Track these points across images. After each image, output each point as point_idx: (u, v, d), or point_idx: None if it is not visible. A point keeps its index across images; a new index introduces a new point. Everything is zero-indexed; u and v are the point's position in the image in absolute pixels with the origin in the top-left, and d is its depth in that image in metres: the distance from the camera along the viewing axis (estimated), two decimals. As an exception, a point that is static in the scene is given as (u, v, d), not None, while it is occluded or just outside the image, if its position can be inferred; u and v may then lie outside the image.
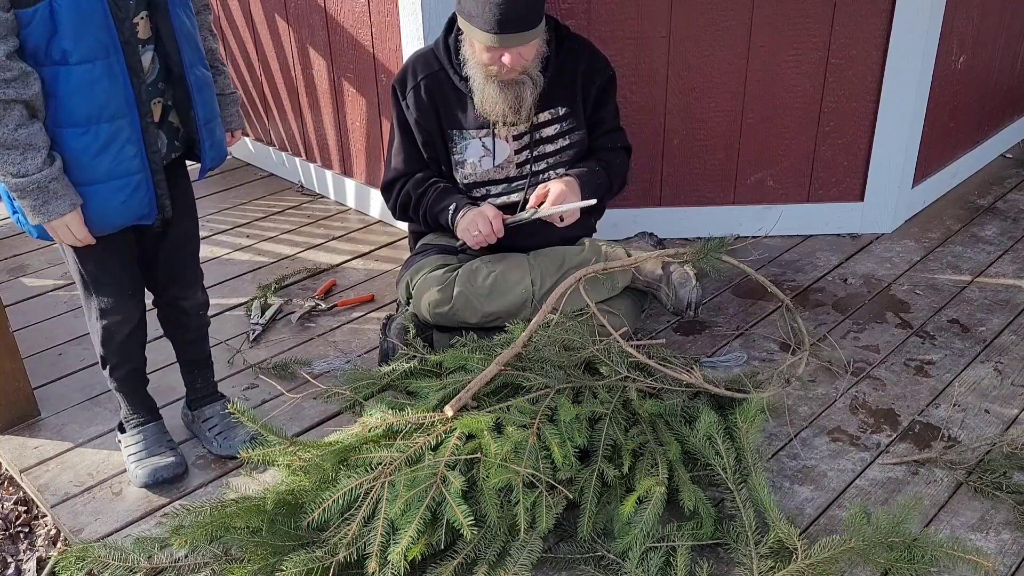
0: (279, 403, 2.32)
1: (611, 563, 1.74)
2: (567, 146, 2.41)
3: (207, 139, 1.87)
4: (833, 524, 1.87)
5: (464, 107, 2.34)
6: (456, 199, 2.37)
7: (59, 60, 1.61)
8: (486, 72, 2.22)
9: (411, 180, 2.42)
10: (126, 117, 1.70)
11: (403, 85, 2.36)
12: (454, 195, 2.38)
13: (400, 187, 2.44)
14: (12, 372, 2.21)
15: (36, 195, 1.65)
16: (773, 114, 2.92)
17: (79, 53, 1.61)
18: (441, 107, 2.35)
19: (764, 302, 2.71)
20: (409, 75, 2.36)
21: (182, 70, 1.77)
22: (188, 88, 1.80)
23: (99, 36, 1.62)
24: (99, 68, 1.64)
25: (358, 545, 1.66)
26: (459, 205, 2.35)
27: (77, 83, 1.63)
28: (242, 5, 3.49)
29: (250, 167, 3.86)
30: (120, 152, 1.72)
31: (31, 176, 1.63)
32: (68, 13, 1.57)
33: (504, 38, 2.11)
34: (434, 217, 2.40)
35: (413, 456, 1.79)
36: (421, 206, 2.42)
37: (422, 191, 2.41)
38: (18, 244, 3.23)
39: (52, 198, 1.67)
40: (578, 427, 1.86)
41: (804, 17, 2.78)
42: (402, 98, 2.37)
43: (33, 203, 1.66)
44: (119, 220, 1.79)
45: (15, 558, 2.04)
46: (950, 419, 2.20)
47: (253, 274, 2.98)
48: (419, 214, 2.44)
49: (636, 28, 2.77)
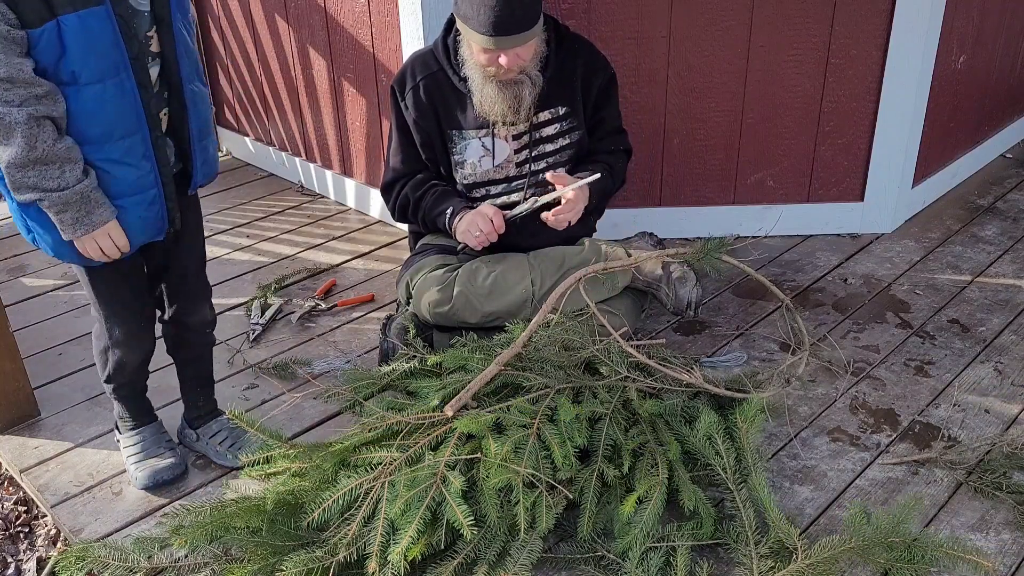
0: (279, 403, 2.31)
1: (611, 563, 1.74)
2: (567, 145, 2.41)
3: (199, 155, 1.85)
4: (833, 524, 1.87)
5: (463, 107, 2.34)
6: (453, 202, 2.37)
7: (68, 81, 1.59)
8: (484, 73, 2.22)
9: (410, 182, 2.42)
10: (138, 133, 1.69)
11: (402, 86, 2.36)
12: (451, 198, 2.38)
13: (399, 189, 2.44)
14: (12, 372, 2.21)
15: (79, 206, 1.63)
16: (773, 114, 2.92)
17: (88, 74, 1.59)
18: (440, 108, 2.35)
19: (764, 302, 2.71)
20: (408, 76, 2.36)
21: (180, 84, 1.76)
22: (184, 102, 1.78)
23: (108, 55, 1.60)
24: (110, 88, 1.62)
25: (358, 545, 1.66)
26: (456, 208, 2.34)
27: (88, 103, 1.62)
28: (242, 5, 3.49)
29: (250, 167, 3.86)
30: (135, 168, 1.71)
31: (73, 187, 1.61)
32: (76, 34, 1.56)
33: (500, 40, 2.11)
34: (432, 220, 2.41)
35: (413, 456, 1.79)
36: (419, 209, 2.42)
37: (420, 194, 2.41)
38: (18, 244, 3.23)
39: (95, 207, 1.65)
40: (578, 427, 1.86)
41: (804, 17, 2.78)
42: (401, 99, 2.37)
43: (76, 215, 1.64)
44: (136, 238, 1.77)
45: (15, 558, 2.04)
46: (950, 419, 2.20)
47: (253, 274, 2.98)
48: (417, 217, 2.45)
49: (636, 28, 2.77)
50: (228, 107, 3.88)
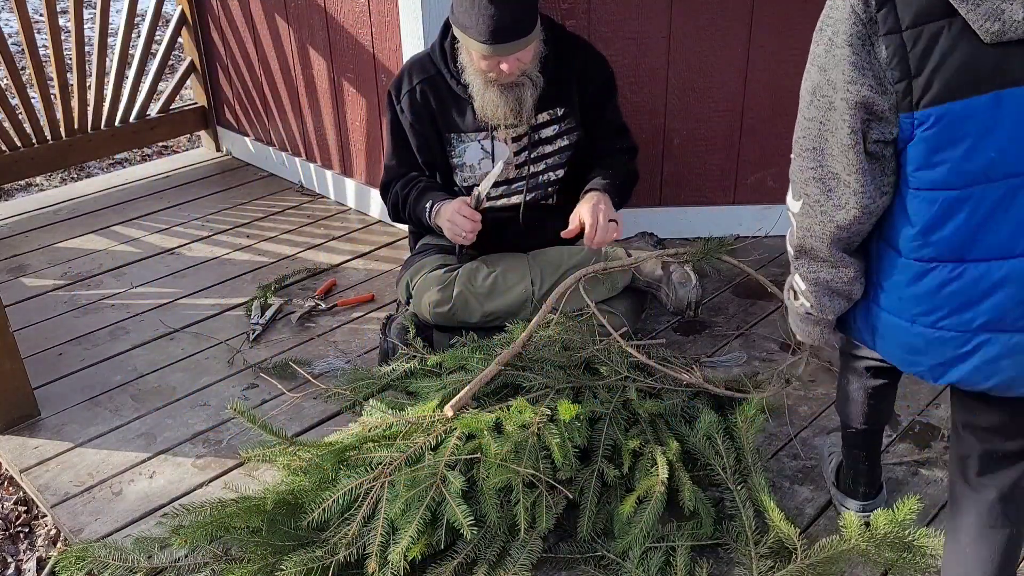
0: (279, 403, 2.31)
1: (611, 563, 1.74)
2: (565, 147, 2.41)
3: None
4: (833, 524, 1.87)
5: (462, 110, 2.34)
6: (432, 196, 2.35)
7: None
8: (486, 78, 2.21)
9: (401, 181, 2.43)
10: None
11: (398, 90, 2.36)
12: (430, 193, 2.37)
13: (393, 189, 2.45)
14: (12, 372, 2.21)
15: None
16: (773, 114, 2.92)
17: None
18: (438, 111, 2.34)
19: (764, 302, 2.71)
20: (405, 79, 2.35)
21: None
22: None
23: None
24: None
25: (358, 545, 1.66)
26: (434, 202, 2.34)
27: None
28: (242, 5, 3.49)
29: (250, 167, 3.86)
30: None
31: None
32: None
33: (499, 48, 2.10)
34: (417, 218, 2.41)
35: (413, 456, 1.79)
36: (406, 207, 2.42)
37: (407, 192, 2.41)
38: (18, 244, 3.23)
39: None
40: (578, 427, 1.86)
41: (804, 17, 2.77)
42: (397, 103, 2.37)
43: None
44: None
45: (15, 558, 2.04)
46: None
47: (253, 274, 2.98)
48: (407, 215, 2.45)
49: (636, 28, 2.77)
50: (228, 107, 3.88)
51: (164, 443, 2.18)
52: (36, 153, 3.46)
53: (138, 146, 4.08)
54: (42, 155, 3.49)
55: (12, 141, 3.39)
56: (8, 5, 7.02)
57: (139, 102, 3.71)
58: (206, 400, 2.33)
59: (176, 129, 3.95)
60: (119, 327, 2.68)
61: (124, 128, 3.70)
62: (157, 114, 3.81)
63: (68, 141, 3.53)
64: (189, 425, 2.24)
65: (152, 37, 3.66)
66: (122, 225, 3.36)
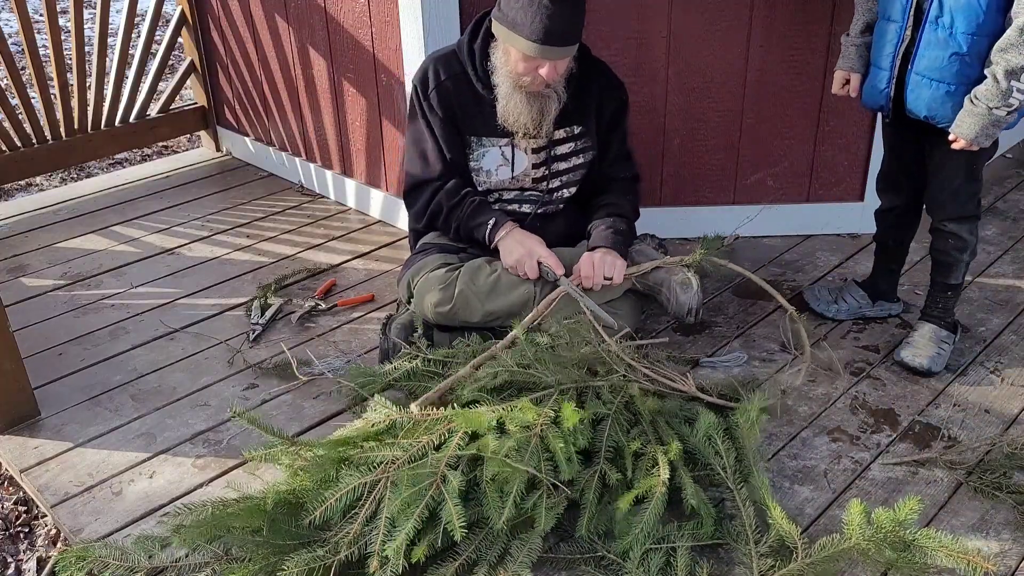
0: (279, 403, 2.32)
1: (611, 563, 1.74)
2: (580, 165, 2.42)
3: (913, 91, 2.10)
4: (833, 524, 1.87)
5: (484, 113, 2.31)
6: (496, 213, 2.35)
7: None
8: (517, 82, 2.20)
9: (444, 190, 2.36)
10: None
11: (425, 84, 2.32)
12: (491, 210, 2.37)
13: (431, 195, 2.38)
14: (12, 372, 2.21)
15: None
16: (773, 114, 2.92)
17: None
18: (459, 111, 2.32)
19: (764, 302, 2.71)
20: (431, 74, 2.32)
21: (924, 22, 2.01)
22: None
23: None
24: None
25: (360, 544, 1.66)
26: (499, 220, 2.33)
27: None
28: (242, 5, 3.49)
29: (250, 167, 3.86)
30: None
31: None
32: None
33: (547, 50, 2.10)
34: (468, 230, 2.37)
35: (416, 455, 1.79)
36: (453, 218, 2.37)
37: (456, 202, 2.36)
38: (18, 244, 3.23)
39: None
40: (582, 430, 1.85)
41: (804, 17, 2.78)
42: (425, 99, 2.33)
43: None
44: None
45: (15, 558, 2.04)
46: (950, 419, 2.20)
47: (253, 274, 2.98)
48: (449, 225, 2.40)
49: (636, 28, 2.77)
50: (228, 107, 3.88)
51: (164, 443, 2.18)
52: (36, 153, 3.46)
53: (138, 146, 4.07)
54: (42, 155, 3.49)
55: (12, 141, 3.39)
56: (8, 5, 7.02)
57: (139, 102, 3.71)
58: (206, 400, 2.33)
59: (176, 129, 3.95)
60: (119, 327, 2.68)
61: (124, 128, 3.70)
62: (157, 114, 3.81)
63: (68, 141, 3.53)
64: (189, 425, 2.24)
65: (152, 37, 3.66)
66: (122, 225, 3.36)
